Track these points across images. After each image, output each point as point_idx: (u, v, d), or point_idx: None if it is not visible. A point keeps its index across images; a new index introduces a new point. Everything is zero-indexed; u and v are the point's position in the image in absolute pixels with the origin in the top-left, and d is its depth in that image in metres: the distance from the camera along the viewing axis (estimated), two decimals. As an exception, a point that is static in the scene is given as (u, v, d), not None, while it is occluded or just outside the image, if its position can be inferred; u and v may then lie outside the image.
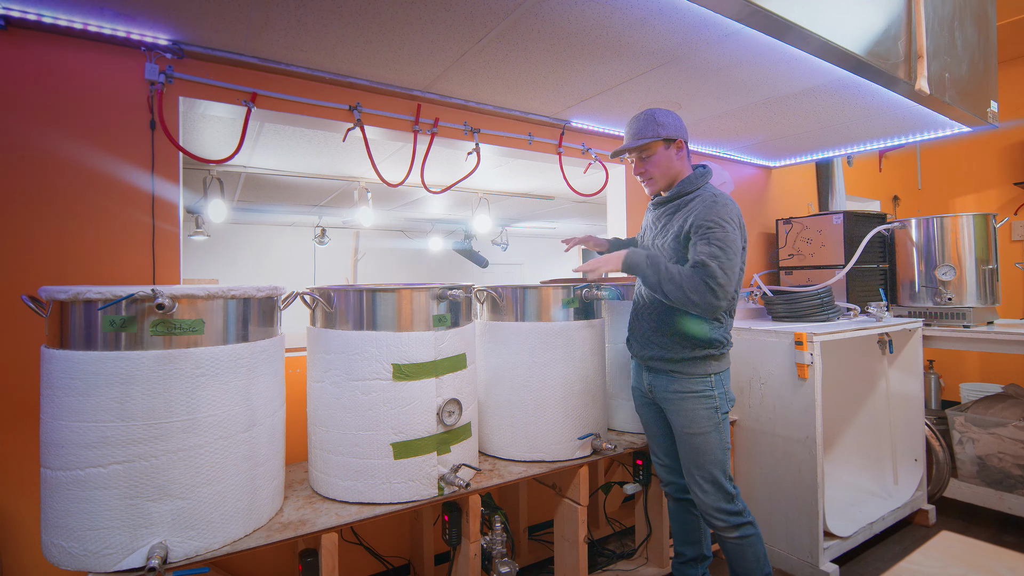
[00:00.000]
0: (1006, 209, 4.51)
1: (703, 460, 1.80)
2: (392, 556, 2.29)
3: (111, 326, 1.26)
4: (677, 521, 2.07)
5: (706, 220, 1.67)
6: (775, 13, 1.63)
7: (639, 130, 1.83)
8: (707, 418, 1.79)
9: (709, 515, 1.81)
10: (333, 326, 1.68)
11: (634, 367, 2.02)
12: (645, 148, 1.83)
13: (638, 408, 2.04)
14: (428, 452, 1.66)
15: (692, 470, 1.82)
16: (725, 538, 1.81)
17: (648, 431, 2.03)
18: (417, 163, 2.41)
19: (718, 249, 1.62)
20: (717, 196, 1.73)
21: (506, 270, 9.42)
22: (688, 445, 1.81)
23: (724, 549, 1.85)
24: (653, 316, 1.86)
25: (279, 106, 2.11)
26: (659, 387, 1.86)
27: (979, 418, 2.85)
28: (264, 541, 1.41)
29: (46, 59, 1.72)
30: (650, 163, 1.83)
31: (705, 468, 1.80)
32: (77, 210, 1.75)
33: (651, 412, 1.98)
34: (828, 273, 3.06)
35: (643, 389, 1.95)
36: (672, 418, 1.85)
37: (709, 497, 1.80)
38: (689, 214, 1.73)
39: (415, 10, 1.65)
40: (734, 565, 1.84)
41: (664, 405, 1.87)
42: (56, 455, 1.25)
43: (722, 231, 1.64)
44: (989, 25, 2.78)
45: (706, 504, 1.80)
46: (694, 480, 1.82)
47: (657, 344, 1.84)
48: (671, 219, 1.82)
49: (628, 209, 3.20)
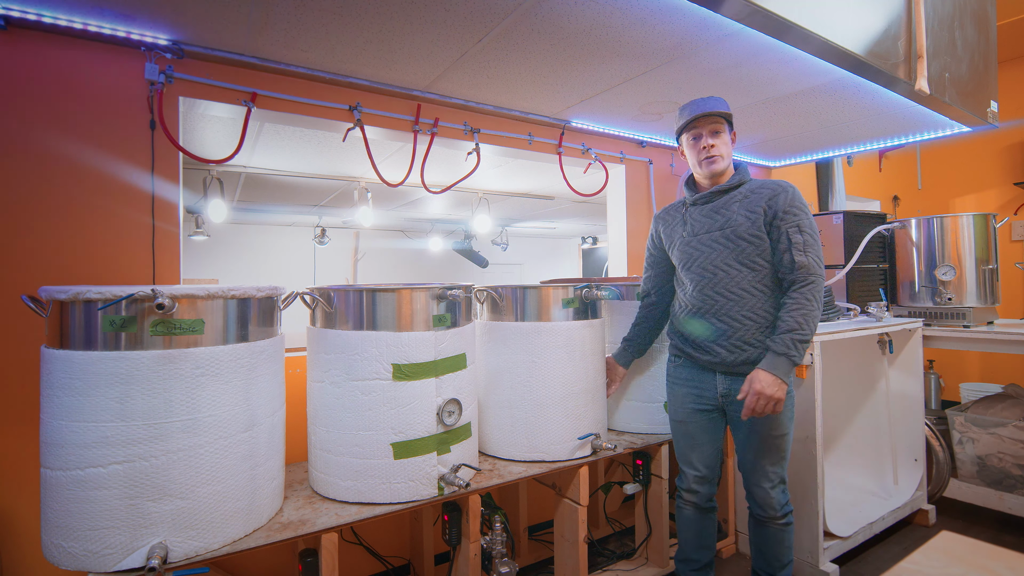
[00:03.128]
0: (1006, 209, 4.51)
1: (781, 459, 1.83)
2: (392, 556, 2.29)
3: (111, 326, 1.26)
4: (692, 530, 1.99)
5: (792, 205, 1.72)
6: (775, 13, 1.63)
7: (715, 104, 1.76)
8: (790, 418, 1.82)
9: (771, 508, 1.84)
10: (333, 326, 1.68)
11: (691, 376, 1.90)
12: (720, 123, 1.78)
13: (686, 418, 1.92)
14: (428, 452, 1.66)
15: (768, 470, 1.82)
16: (776, 527, 1.85)
17: (690, 441, 1.92)
18: (417, 163, 2.41)
19: (810, 236, 1.70)
20: (790, 183, 1.78)
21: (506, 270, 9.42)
22: (769, 447, 1.81)
23: (764, 536, 1.88)
24: (735, 312, 1.76)
25: (279, 106, 2.11)
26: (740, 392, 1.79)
27: (979, 418, 2.85)
28: (264, 541, 1.41)
29: (46, 59, 1.72)
30: (720, 140, 1.78)
31: (781, 466, 1.83)
32: (77, 210, 1.75)
33: (706, 422, 1.89)
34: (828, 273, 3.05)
35: (709, 396, 1.86)
36: (759, 423, 1.79)
37: (777, 493, 1.84)
38: (767, 199, 1.74)
39: (415, 10, 1.65)
40: (775, 550, 1.87)
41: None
42: (56, 455, 1.25)
43: (807, 216, 1.73)
44: (989, 25, 2.78)
45: (772, 499, 1.83)
46: (767, 479, 1.83)
47: (752, 345, 1.75)
48: (737, 207, 1.77)
49: (628, 209, 3.20)
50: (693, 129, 1.81)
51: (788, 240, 1.69)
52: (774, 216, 1.71)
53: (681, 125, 1.83)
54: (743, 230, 1.74)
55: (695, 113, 1.77)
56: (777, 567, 1.88)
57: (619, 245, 3.27)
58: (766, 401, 1.63)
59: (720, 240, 1.78)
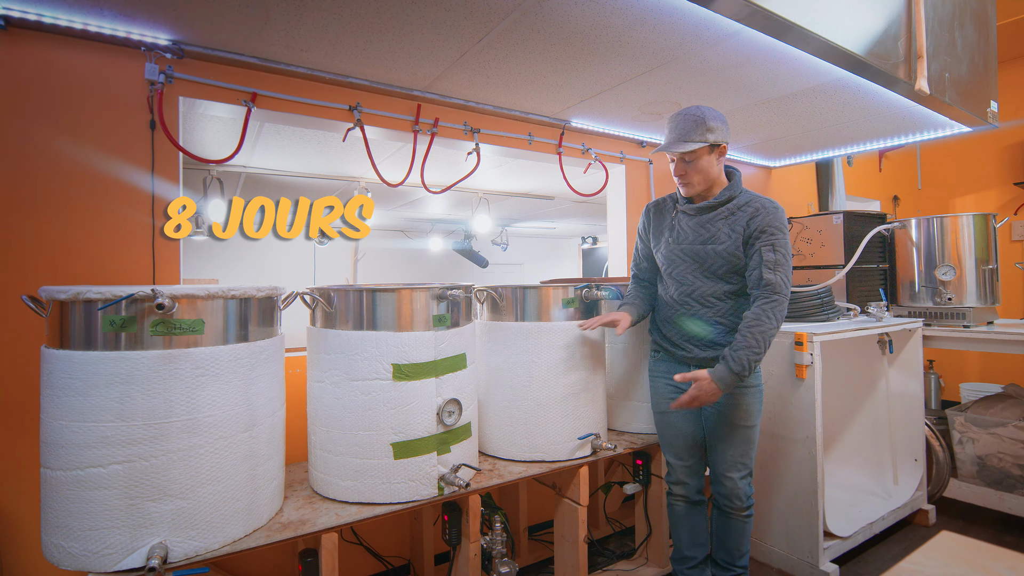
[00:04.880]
0: (1006, 209, 4.51)
1: (749, 449, 1.92)
2: (392, 556, 2.29)
3: (111, 326, 1.26)
4: (686, 526, 2.04)
5: (770, 225, 1.77)
6: (775, 13, 1.63)
7: (686, 132, 1.77)
8: (758, 410, 1.92)
9: (737, 499, 1.92)
10: (333, 326, 1.68)
11: (669, 369, 1.98)
12: (690, 153, 1.79)
13: (666, 409, 2.00)
14: (428, 452, 1.66)
15: (737, 460, 1.91)
16: (739, 518, 1.94)
17: (674, 431, 2.00)
18: (417, 163, 2.41)
19: (782, 256, 1.75)
20: (774, 203, 1.82)
21: (506, 270, 9.42)
22: (739, 437, 1.90)
23: (727, 527, 1.96)
24: (708, 317, 1.88)
25: (279, 106, 2.11)
26: None
27: (979, 418, 2.85)
28: (264, 541, 1.41)
29: (46, 59, 1.72)
30: (693, 168, 1.81)
31: (749, 456, 1.92)
32: (77, 210, 1.75)
33: (689, 412, 1.97)
34: (828, 273, 3.05)
35: (684, 386, 1.91)
36: (728, 413, 1.89)
37: (744, 483, 1.92)
38: (748, 218, 1.79)
39: (415, 10, 1.65)
40: (736, 541, 1.96)
41: (719, 400, 1.86)
42: (56, 455, 1.25)
43: (784, 236, 1.78)
44: (989, 25, 2.78)
45: (739, 490, 1.92)
46: (736, 469, 1.91)
47: (721, 345, 1.87)
48: (721, 224, 1.83)
49: (628, 209, 3.20)
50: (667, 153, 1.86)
51: (760, 257, 1.76)
52: (751, 235, 1.79)
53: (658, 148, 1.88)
54: (723, 248, 1.82)
55: (662, 147, 1.83)
56: (736, 556, 1.97)
57: (619, 245, 3.27)
58: (699, 404, 1.76)
59: (701, 254, 1.87)
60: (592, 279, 2.46)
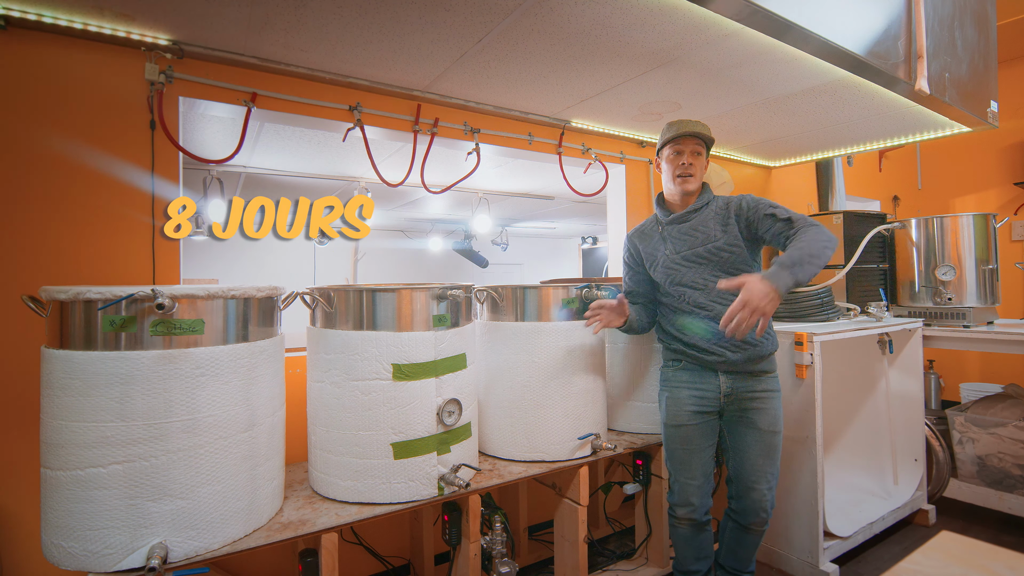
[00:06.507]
0: (1006, 209, 4.51)
1: (777, 457, 1.86)
2: (392, 556, 2.29)
3: (111, 326, 1.26)
4: (692, 545, 1.95)
5: (756, 200, 1.81)
6: (775, 13, 1.64)
7: (699, 126, 1.86)
8: (782, 415, 1.89)
9: (763, 511, 1.86)
10: (333, 326, 1.68)
11: (693, 378, 1.89)
12: (702, 146, 1.87)
13: (686, 420, 1.88)
14: (428, 452, 1.66)
15: (766, 469, 1.85)
16: (757, 532, 1.90)
17: (689, 445, 1.88)
18: (417, 163, 2.41)
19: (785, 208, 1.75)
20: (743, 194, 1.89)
21: (506, 270, 9.42)
22: (767, 445, 1.85)
23: (744, 540, 1.93)
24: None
25: (279, 106, 2.11)
26: (743, 390, 1.83)
27: (979, 418, 2.85)
28: (264, 541, 1.41)
29: (46, 59, 1.72)
30: (698, 161, 1.87)
31: (776, 465, 1.87)
32: (77, 210, 1.75)
33: (704, 425, 1.88)
34: (828, 273, 3.05)
35: (711, 397, 1.86)
36: (757, 419, 1.84)
37: (771, 495, 1.86)
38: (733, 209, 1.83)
39: (415, 10, 1.65)
40: (749, 553, 1.94)
41: (746, 406, 1.83)
42: (56, 455, 1.25)
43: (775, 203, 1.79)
44: (989, 25, 2.78)
45: (767, 500, 1.85)
46: (765, 479, 1.85)
47: (752, 343, 1.81)
48: (711, 223, 1.85)
49: (628, 209, 3.20)
50: (677, 144, 1.87)
51: (771, 216, 1.76)
52: (747, 215, 1.81)
53: (667, 138, 1.88)
54: (723, 243, 1.83)
55: (683, 131, 1.85)
56: (747, 564, 1.97)
57: (619, 245, 3.26)
58: (750, 312, 1.45)
59: (704, 256, 1.85)
60: (592, 279, 2.46)
